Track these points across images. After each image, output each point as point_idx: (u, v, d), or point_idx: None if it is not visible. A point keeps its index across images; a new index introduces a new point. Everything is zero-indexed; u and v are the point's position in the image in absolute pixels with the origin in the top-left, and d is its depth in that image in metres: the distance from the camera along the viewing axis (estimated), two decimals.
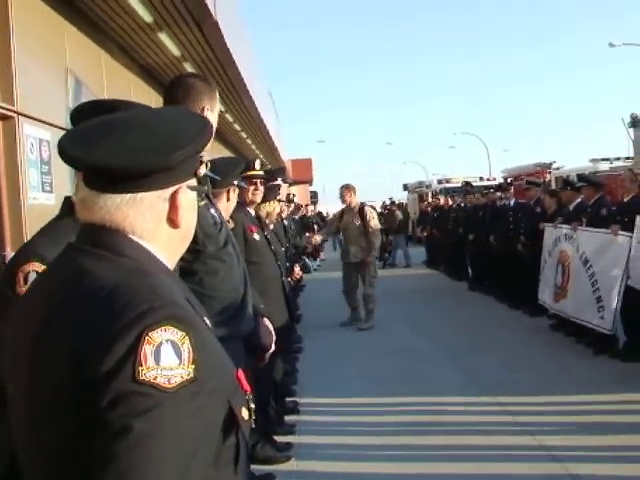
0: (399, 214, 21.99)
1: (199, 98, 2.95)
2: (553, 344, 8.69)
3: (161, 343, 1.14)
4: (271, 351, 3.57)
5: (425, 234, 21.34)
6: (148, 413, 1.10)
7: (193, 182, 1.42)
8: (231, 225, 5.07)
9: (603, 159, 19.27)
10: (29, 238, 2.45)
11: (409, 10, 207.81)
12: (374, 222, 10.50)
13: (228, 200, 4.05)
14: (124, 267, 1.27)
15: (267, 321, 3.65)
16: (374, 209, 11.95)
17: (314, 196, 46.97)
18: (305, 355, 8.80)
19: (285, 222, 10.21)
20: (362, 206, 10.69)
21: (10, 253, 5.62)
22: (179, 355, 1.15)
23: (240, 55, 10.64)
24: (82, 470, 1.12)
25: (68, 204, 2.35)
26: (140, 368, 1.11)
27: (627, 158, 18.86)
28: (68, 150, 1.32)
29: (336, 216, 11.50)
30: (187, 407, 1.15)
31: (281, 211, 7.88)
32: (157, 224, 1.35)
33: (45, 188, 6.17)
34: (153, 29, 8.25)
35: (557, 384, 6.75)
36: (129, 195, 1.30)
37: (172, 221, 1.37)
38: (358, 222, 10.45)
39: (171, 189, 1.35)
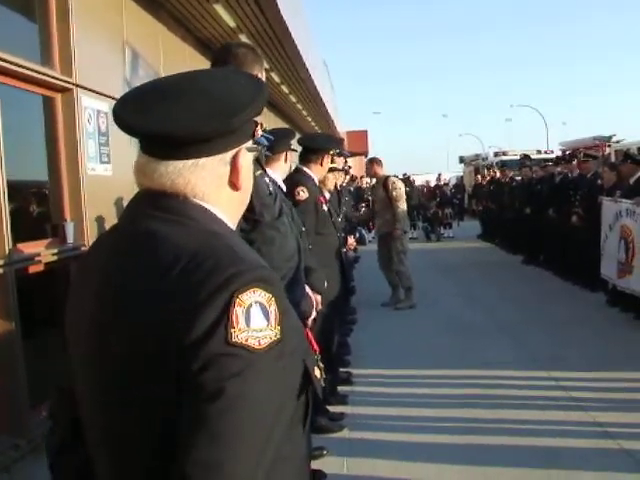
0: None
1: (251, 67, 3.01)
2: (610, 320, 8.55)
3: (250, 305, 1.15)
4: (311, 318, 3.60)
5: (480, 207, 21.09)
6: (240, 374, 1.11)
7: (250, 144, 1.40)
8: (305, 195, 5.12)
9: None
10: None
11: None
12: (396, 192, 10.04)
13: (285, 161, 4.21)
14: (198, 231, 1.26)
15: (309, 289, 3.69)
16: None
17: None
18: (359, 327, 8.82)
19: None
20: (386, 178, 10.36)
21: (69, 222, 5.75)
22: (267, 316, 1.16)
23: (296, 26, 10.59)
24: (172, 434, 1.12)
25: None
26: (232, 330, 1.12)
27: None
28: (125, 118, 1.30)
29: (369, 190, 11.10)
30: (275, 367, 1.16)
31: (335, 182, 7.77)
32: (219, 188, 1.34)
33: (103, 159, 6.27)
34: (209, 0, 8.27)
35: (612, 360, 6.66)
36: (191, 161, 1.29)
37: (233, 184, 1.36)
38: (382, 194, 10.17)
39: (231, 152, 1.34)
